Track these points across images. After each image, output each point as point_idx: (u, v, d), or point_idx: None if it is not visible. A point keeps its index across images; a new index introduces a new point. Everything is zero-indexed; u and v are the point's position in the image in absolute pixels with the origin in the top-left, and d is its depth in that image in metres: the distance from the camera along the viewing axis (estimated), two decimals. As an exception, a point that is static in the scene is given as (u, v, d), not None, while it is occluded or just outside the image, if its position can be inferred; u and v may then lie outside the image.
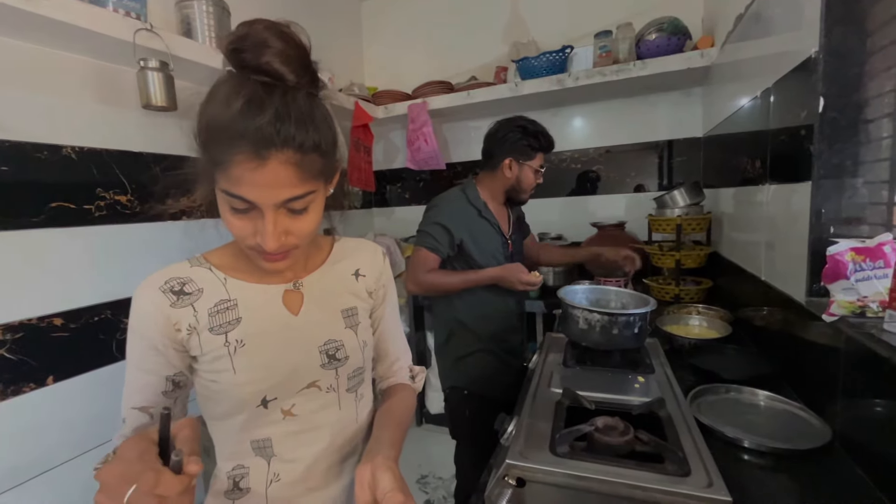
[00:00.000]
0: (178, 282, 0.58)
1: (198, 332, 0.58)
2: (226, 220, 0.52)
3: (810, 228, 0.85)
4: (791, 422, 0.81)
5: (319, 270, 0.67)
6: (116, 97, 1.36)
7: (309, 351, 0.62)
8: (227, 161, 0.46)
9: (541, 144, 1.37)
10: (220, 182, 0.49)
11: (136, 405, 0.58)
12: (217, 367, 0.58)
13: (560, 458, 0.63)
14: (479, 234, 1.37)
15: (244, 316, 0.59)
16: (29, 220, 1.17)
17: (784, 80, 0.97)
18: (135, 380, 0.58)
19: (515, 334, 1.50)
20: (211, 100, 0.49)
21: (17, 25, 1.08)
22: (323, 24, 2.37)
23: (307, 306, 0.63)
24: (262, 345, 0.59)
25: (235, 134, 0.45)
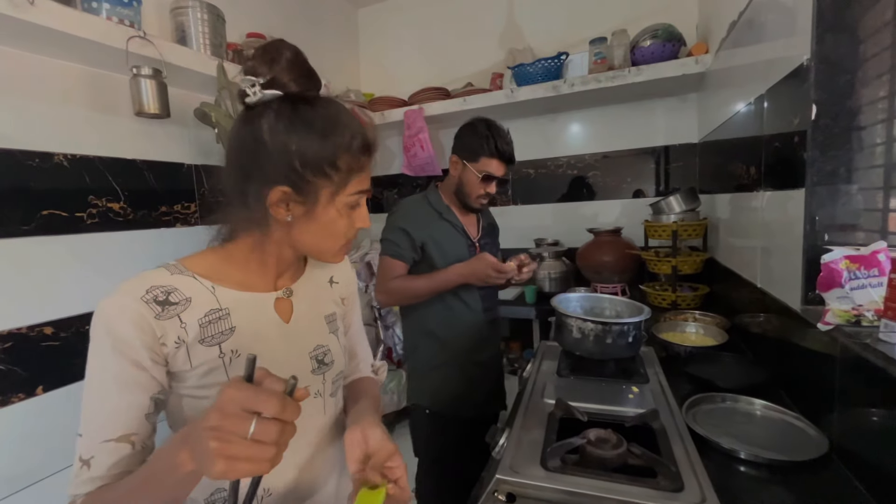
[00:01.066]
0: (162, 291, 0.54)
1: (187, 344, 0.54)
2: (335, 226, 0.58)
3: (804, 235, 0.84)
4: (787, 432, 0.79)
5: (303, 278, 0.68)
6: (109, 104, 1.36)
7: (301, 357, 0.63)
8: (364, 165, 0.58)
9: (488, 148, 1.24)
10: (350, 188, 0.57)
11: (111, 436, 0.50)
12: (210, 380, 0.55)
13: (551, 472, 0.62)
14: (441, 236, 1.30)
15: (238, 325, 0.57)
16: (19, 227, 1.16)
17: (777, 86, 0.97)
18: (109, 406, 0.51)
19: (489, 346, 1.39)
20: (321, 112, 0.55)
21: (10, 33, 1.08)
22: (319, 31, 2.37)
23: (297, 313, 0.64)
24: (258, 354, 0.58)
25: (366, 138, 0.57)
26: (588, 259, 1.90)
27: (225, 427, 0.38)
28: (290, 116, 0.53)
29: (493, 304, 1.41)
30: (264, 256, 0.61)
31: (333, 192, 0.56)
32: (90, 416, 0.51)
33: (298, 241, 0.59)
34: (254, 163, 0.55)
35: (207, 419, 0.39)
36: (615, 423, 0.73)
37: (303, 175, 0.54)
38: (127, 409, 0.52)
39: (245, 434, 0.38)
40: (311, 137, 0.53)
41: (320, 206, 0.56)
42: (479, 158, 1.25)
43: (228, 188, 0.58)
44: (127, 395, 0.51)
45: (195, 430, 0.41)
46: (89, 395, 0.52)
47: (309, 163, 0.53)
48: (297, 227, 0.57)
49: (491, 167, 1.26)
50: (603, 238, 1.90)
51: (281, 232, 0.59)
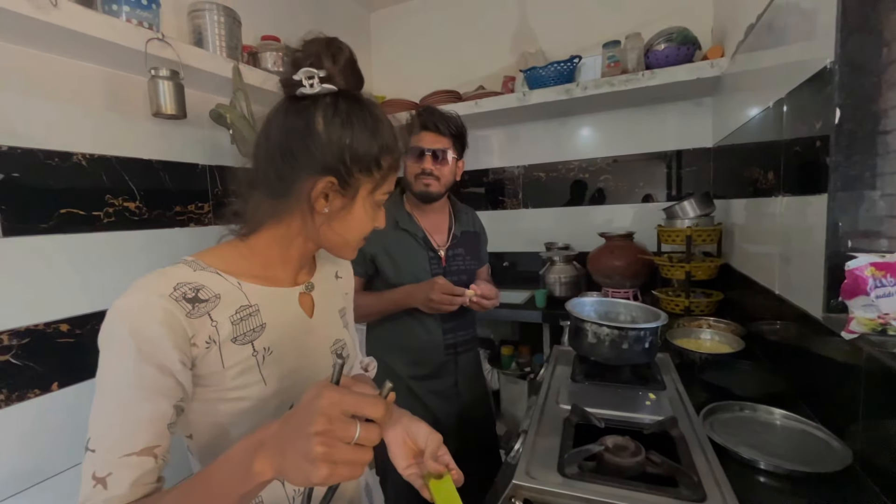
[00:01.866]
0: (191, 287, 0.51)
1: (218, 344, 0.52)
2: (363, 223, 0.59)
3: (827, 242, 0.82)
4: (809, 443, 0.78)
5: (318, 273, 0.69)
6: (127, 105, 1.38)
7: (324, 352, 0.64)
8: (399, 167, 0.60)
9: (415, 126, 1.17)
10: (384, 187, 0.59)
11: (132, 450, 0.46)
12: (245, 381, 0.53)
13: (569, 479, 0.61)
14: (394, 248, 1.18)
15: (268, 322, 0.56)
16: (38, 225, 1.18)
17: (798, 90, 0.96)
18: (130, 416, 0.47)
19: (449, 375, 1.23)
20: (368, 112, 0.57)
21: (32, 34, 1.10)
22: (332, 33, 2.36)
23: (318, 308, 0.65)
24: (287, 350, 0.58)
25: (403, 140, 0.60)
26: (599, 263, 1.89)
27: (333, 431, 0.37)
28: (347, 112, 0.55)
29: (456, 325, 1.25)
30: (288, 251, 0.60)
31: (371, 190, 0.57)
32: (105, 428, 0.47)
33: (326, 234, 0.59)
34: (304, 151, 0.54)
35: (311, 423, 0.37)
36: (632, 430, 0.72)
37: (350, 169, 0.55)
38: (150, 419, 0.48)
39: (351, 438, 0.37)
40: (364, 135, 0.55)
41: (357, 201, 0.57)
42: (409, 139, 1.18)
43: (263, 176, 0.57)
44: (150, 404, 0.48)
45: (283, 436, 0.39)
46: (104, 406, 0.47)
47: (358, 158, 0.55)
48: (330, 220, 0.57)
49: (420, 140, 1.17)
50: (615, 242, 1.89)
51: (306, 225, 0.58)
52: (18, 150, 1.14)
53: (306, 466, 0.36)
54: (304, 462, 0.37)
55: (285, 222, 0.59)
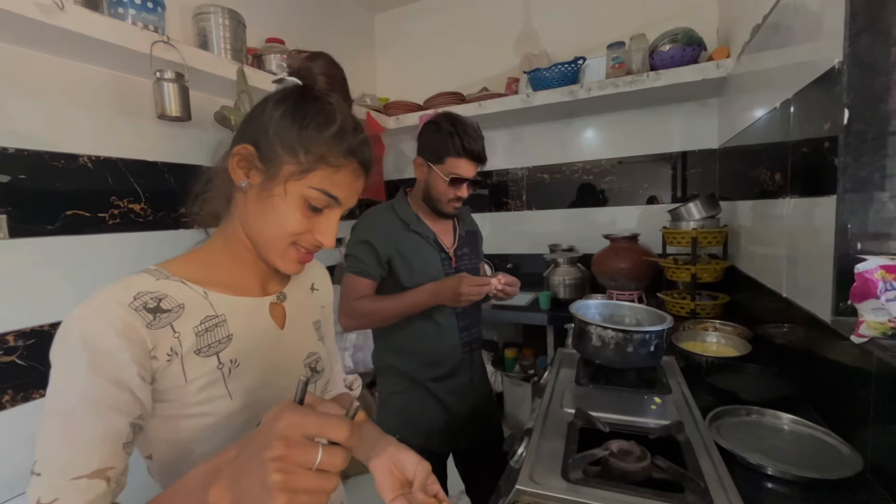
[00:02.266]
0: (152, 297, 0.49)
1: (181, 357, 0.49)
2: (284, 216, 0.54)
3: (836, 244, 0.81)
4: (818, 448, 0.76)
5: (291, 283, 0.66)
6: (132, 107, 1.39)
7: (296, 365, 0.61)
8: (340, 166, 0.54)
9: (454, 148, 1.10)
10: (314, 181, 0.53)
11: (82, 472, 0.42)
12: (209, 395, 0.50)
13: (573, 484, 0.60)
14: (408, 250, 1.16)
15: (235, 333, 0.54)
16: (44, 227, 1.19)
17: (805, 91, 0.95)
18: (81, 436, 0.43)
19: (464, 371, 1.23)
20: (329, 112, 0.54)
21: (40, 38, 1.11)
22: (336, 36, 2.40)
23: (290, 319, 0.62)
24: (256, 363, 0.55)
25: (358, 147, 0.55)
26: (604, 265, 1.88)
27: (291, 457, 0.34)
28: (294, 99, 0.54)
29: (470, 323, 1.25)
30: (240, 251, 0.58)
31: (294, 174, 0.52)
32: (54, 449, 0.43)
33: (250, 221, 0.56)
34: (243, 126, 0.56)
35: (267, 448, 0.34)
36: (638, 434, 0.71)
37: (272, 143, 0.52)
38: (103, 439, 0.44)
39: (312, 464, 0.34)
40: (297, 116, 0.53)
41: (277, 182, 0.53)
42: (445, 159, 1.12)
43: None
44: (104, 422, 0.44)
45: (239, 463, 0.37)
46: (52, 425, 0.44)
47: (283, 135, 0.52)
48: (250, 200, 0.55)
49: (459, 168, 1.12)
50: (619, 244, 1.88)
51: (240, 212, 0.57)
52: (25, 153, 1.15)
53: (262, 496, 0.34)
54: (260, 490, 0.34)
55: (230, 216, 0.58)
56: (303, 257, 0.57)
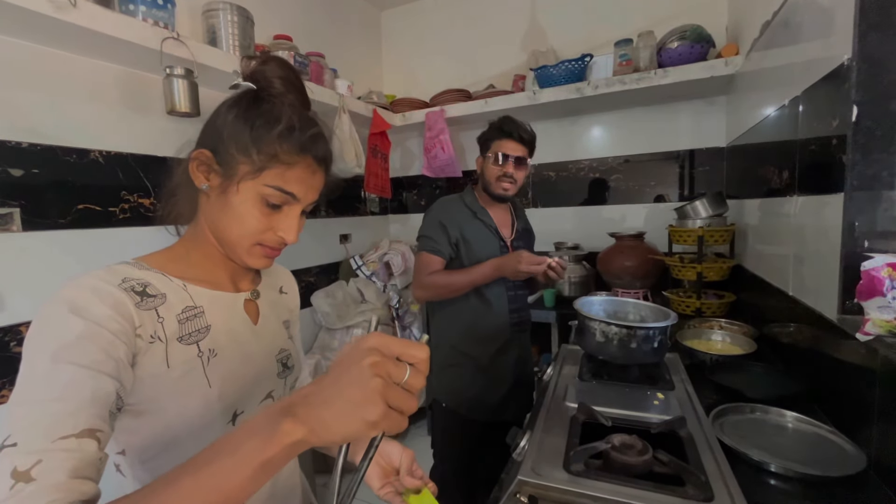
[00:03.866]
0: (138, 282, 0.50)
1: (165, 342, 0.50)
2: (244, 215, 0.55)
3: (843, 242, 0.81)
4: (821, 446, 0.76)
5: (262, 283, 0.69)
6: (142, 103, 1.41)
7: (268, 360, 0.63)
8: (292, 163, 0.54)
9: (498, 133, 1.33)
10: (267, 178, 0.54)
11: (70, 431, 0.38)
12: (189, 382, 0.52)
13: (575, 476, 0.61)
14: (473, 236, 1.32)
15: (213, 324, 0.56)
16: (56, 221, 1.21)
17: (814, 88, 0.94)
18: (68, 394, 0.39)
19: (513, 349, 1.37)
20: (277, 112, 0.54)
21: (51, 33, 1.12)
22: (343, 34, 2.41)
23: (262, 316, 0.64)
24: (232, 354, 0.57)
25: (309, 144, 0.55)
26: (609, 263, 1.87)
27: (386, 365, 0.35)
28: (247, 102, 0.55)
29: (520, 306, 1.40)
30: (210, 250, 0.60)
31: (249, 174, 0.54)
32: (35, 414, 0.38)
33: (215, 222, 0.57)
34: (200, 134, 0.58)
35: (363, 358, 0.35)
36: (639, 429, 0.71)
37: (227, 146, 0.54)
38: (93, 398, 0.40)
39: (402, 377, 0.36)
40: (251, 119, 0.54)
41: (234, 183, 0.54)
42: (491, 144, 1.33)
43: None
44: (94, 383, 0.41)
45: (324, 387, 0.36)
46: (31, 393, 0.39)
47: (236, 136, 0.54)
48: (213, 202, 0.56)
49: (503, 147, 1.31)
50: (625, 242, 1.87)
51: (205, 213, 0.58)
52: (38, 147, 1.17)
53: (362, 405, 0.34)
54: (360, 401, 0.34)
55: (197, 217, 0.60)
56: (269, 252, 0.59)
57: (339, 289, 2.14)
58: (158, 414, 0.50)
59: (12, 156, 1.13)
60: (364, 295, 2.15)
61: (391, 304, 2.19)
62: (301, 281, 2.04)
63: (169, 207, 0.62)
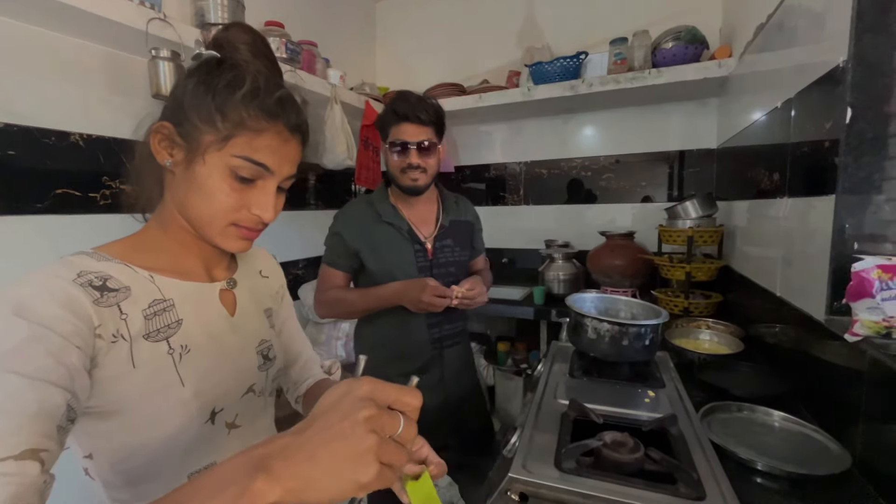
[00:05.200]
0: (97, 276, 0.46)
1: (129, 340, 0.46)
2: (213, 191, 0.50)
3: (832, 244, 0.81)
4: (807, 445, 0.77)
5: (239, 269, 0.64)
6: (126, 86, 1.36)
7: (248, 353, 0.59)
8: (261, 129, 0.50)
9: (393, 117, 1.12)
10: (235, 148, 0.50)
11: (10, 452, 0.34)
12: (159, 382, 0.48)
13: (566, 473, 0.60)
14: (378, 242, 1.16)
15: (184, 318, 0.52)
16: (33, 205, 1.16)
17: (808, 90, 0.95)
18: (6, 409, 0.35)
19: (434, 367, 1.20)
20: (240, 74, 0.51)
21: (31, 10, 1.07)
22: (336, 23, 2.36)
23: (240, 306, 0.60)
24: (207, 349, 0.53)
25: (278, 109, 0.51)
26: (599, 262, 1.88)
27: (381, 419, 0.32)
28: (207, 68, 0.51)
29: (442, 321, 1.19)
30: (180, 235, 0.55)
31: (214, 143, 0.49)
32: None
33: (183, 202, 0.53)
34: (163, 110, 0.54)
35: (358, 411, 0.32)
36: (631, 426, 0.71)
37: (188, 115, 0.50)
38: (35, 414, 0.36)
39: (396, 430, 0.33)
40: (212, 84, 0.50)
41: (199, 155, 0.50)
42: (389, 131, 1.14)
43: None
44: (37, 394, 0.37)
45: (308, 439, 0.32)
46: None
47: (197, 105, 0.49)
48: (179, 180, 0.52)
49: (401, 133, 1.11)
50: (615, 241, 1.88)
51: (171, 192, 0.54)
52: (14, 128, 1.12)
53: (353, 465, 0.31)
54: (351, 460, 0.31)
55: (163, 199, 0.56)
56: (246, 234, 0.54)
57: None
58: (127, 416, 0.47)
59: (-14, 136, 1.08)
60: (353, 289, 2.12)
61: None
62: (289, 273, 2.00)
63: (135, 192, 0.57)
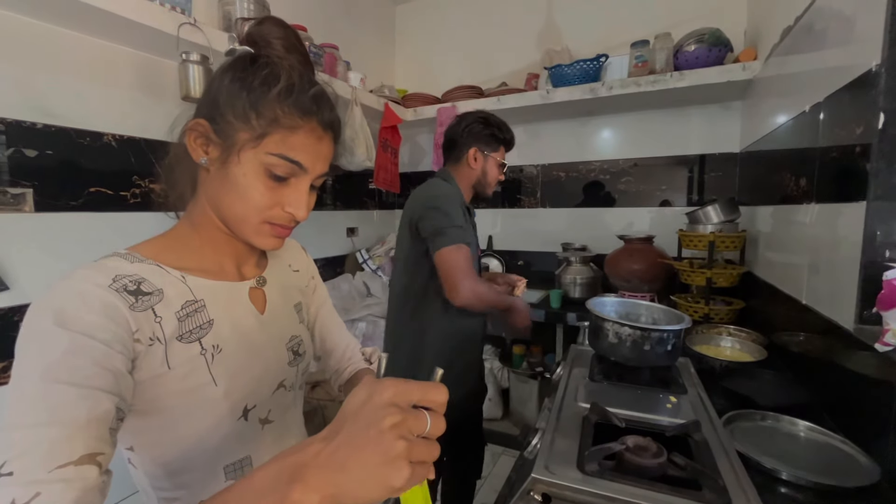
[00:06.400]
0: (131, 280, 0.46)
1: (164, 343, 0.47)
2: (247, 189, 0.51)
3: (863, 251, 0.80)
4: (834, 456, 0.76)
5: (269, 266, 0.65)
6: (157, 88, 1.40)
7: (278, 349, 0.60)
8: (295, 127, 0.51)
9: (504, 137, 1.34)
10: (270, 146, 0.50)
11: (68, 459, 0.36)
12: (193, 382, 0.49)
13: (589, 476, 0.60)
14: (472, 233, 1.31)
15: (215, 318, 0.52)
16: (68, 203, 1.21)
17: (837, 94, 0.93)
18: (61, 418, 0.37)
19: (478, 364, 1.45)
20: (275, 71, 0.51)
21: (71, 15, 1.12)
22: (357, 27, 2.40)
23: (271, 303, 0.61)
24: (238, 348, 0.54)
25: (312, 106, 0.52)
26: (617, 266, 1.86)
27: (407, 423, 0.32)
28: (242, 65, 0.51)
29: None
30: (212, 233, 0.56)
31: (249, 141, 0.50)
32: (29, 440, 0.36)
33: (217, 200, 0.53)
34: (197, 107, 0.54)
35: (382, 419, 0.32)
36: (653, 431, 0.71)
37: (224, 113, 0.50)
38: (89, 421, 0.38)
39: (424, 429, 0.33)
40: (247, 81, 0.50)
41: (234, 153, 0.50)
42: (498, 148, 1.34)
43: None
44: (89, 402, 0.38)
45: (337, 449, 0.32)
46: (24, 414, 0.37)
47: (232, 101, 0.50)
48: (214, 178, 0.52)
49: (503, 156, 1.36)
50: (634, 245, 1.86)
51: (206, 191, 0.55)
52: (52, 129, 1.17)
53: (385, 471, 0.31)
54: (382, 467, 0.31)
55: (196, 197, 0.56)
56: (279, 231, 0.55)
57: (345, 282, 2.14)
58: (163, 414, 0.48)
59: (27, 136, 1.12)
60: (370, 289, 2.15)
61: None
62: (307, 272, 2.03)
63: (168, 189, 0.58)
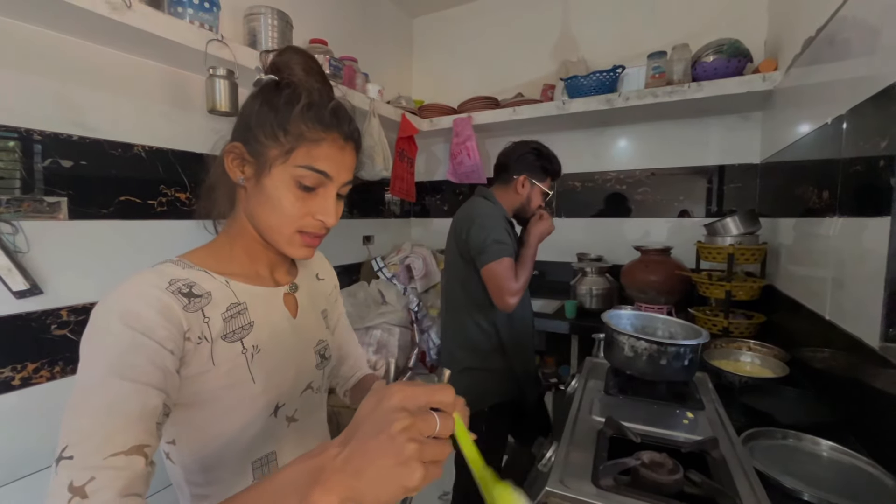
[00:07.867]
0: (184, 283, 0.52)
1: (210, 341, 0.52)
2: (279, 201, 0.55)
3: (888, 267, 0.78)
4: (859, 478, 0.73)
5: (299, 274, 0.70)
6: (184, 101, 1.46)
7: (307, 352, 0.65)
8: (318, 139, 0.55)
9: (553, 169, 1.42)
10: (297, 159, 0.55)
11: (121, 448, 0.41)
12: (234, 379, 0.54)
13: (603, 490, 0.60)
14: (513, 250, 1.34)
15: (255, 320, 0.57)
16: (100, 211, 1.26)
17: (861, 106, 0.91)
18: (118, 410, 0.42)
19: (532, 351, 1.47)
20: (297, 91, 0.56)
21: (106, 33, 1.18)
22: (375, 39, 2.45)
23: (301, 308, 0.66)
24: (273, 349, 0.58)
25: (332, 119, 0.56)
26: (634, 277, 1.85)
27: (417, 425, 0.34)
28: (269, 89, 0.57)
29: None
30: (249, 243, 0.61)
31: (279, 157, 0.55)
32: (88, 429, 0.41)
33: (254, 214, 0.58)
34: (232, 132, 0.59)
35: (391, 424, 0.33)
36: (669, 447, 0.70)
37: (256, 134, 0.55)
38: (140, 415, 0.43)
39: (433, 430, 0.35)
40: (273, 103, 0.55)
41: (267, 169, 0.55)
42: (546, 179, 1.42)
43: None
44: (141, 398, 0.44)
45: (352, 455, 0.34)
46: (87, 404, 0.42)
47: (262, 123, 0.55)
48: (250, 194, 0.58)
49: (549, 187, 1.44)
50: (651, 257, 1.84)
51: (243, 205, 0.60)
52: (87, 140, 1.23)
53: (399, 473, 0.33)
54: (396, 469, 0.33)
55: (235, 211, 0.61)
56: (309, 241, 0.59)
57: (361, 289, 2.17)
58: (207, 407, 0.53)
59: (64, 148, 1.18)
60: (385, 297, 2.17)
61: (410, 307, 2.20)
62: (324, 280, 2.07)
63: (209, 204, 0.64)
